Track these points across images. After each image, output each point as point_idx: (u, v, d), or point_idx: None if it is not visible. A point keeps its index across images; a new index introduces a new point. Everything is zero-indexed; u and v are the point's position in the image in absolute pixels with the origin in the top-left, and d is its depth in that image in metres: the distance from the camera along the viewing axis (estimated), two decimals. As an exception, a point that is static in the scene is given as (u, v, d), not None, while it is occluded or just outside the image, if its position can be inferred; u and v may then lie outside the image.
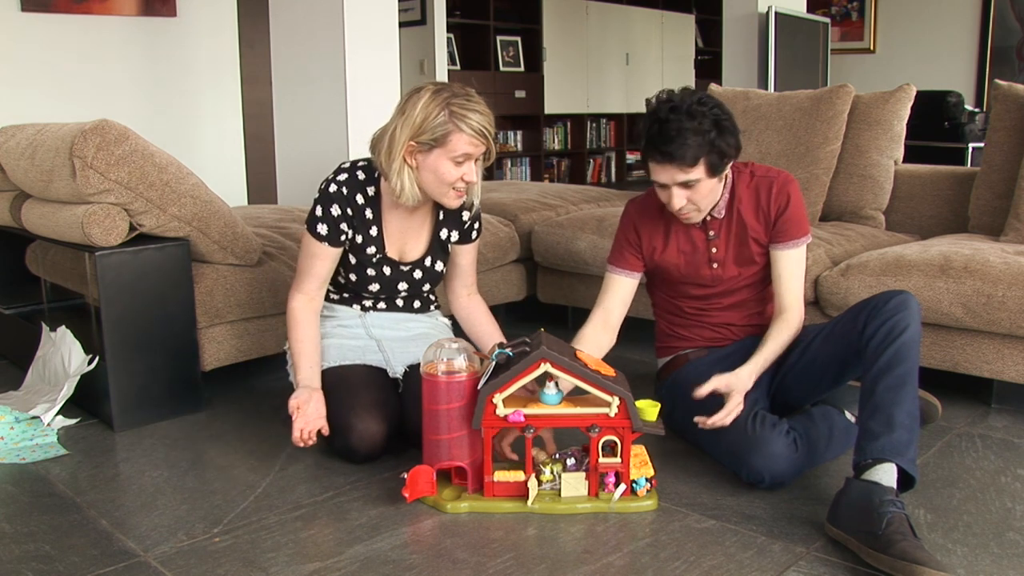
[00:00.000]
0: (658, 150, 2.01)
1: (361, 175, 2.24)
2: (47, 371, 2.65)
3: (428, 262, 2.33)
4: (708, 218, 2.20)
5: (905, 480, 1.79)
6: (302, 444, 2.12)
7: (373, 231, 2.26)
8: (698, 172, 2.03)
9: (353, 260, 2.28)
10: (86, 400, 2.53)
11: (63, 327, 2.62)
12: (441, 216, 2.32)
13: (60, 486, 2.10)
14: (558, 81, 7.91)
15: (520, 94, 7.59)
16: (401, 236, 2.30)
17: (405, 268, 2.32)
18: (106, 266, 2.39)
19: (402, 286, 2.33)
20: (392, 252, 2.30)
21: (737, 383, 2.02)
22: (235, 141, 5.16)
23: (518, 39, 7.66)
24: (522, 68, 7.68)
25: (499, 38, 7.47)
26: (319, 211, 2.20)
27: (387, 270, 2.30)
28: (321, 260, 2.23)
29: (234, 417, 2.55)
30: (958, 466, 2.16)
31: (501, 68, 7.49)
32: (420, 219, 2.31)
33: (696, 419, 2.01)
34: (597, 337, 2.25)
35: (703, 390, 2.01)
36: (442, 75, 6.65)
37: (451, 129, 2.05)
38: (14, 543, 1.82)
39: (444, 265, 2.38)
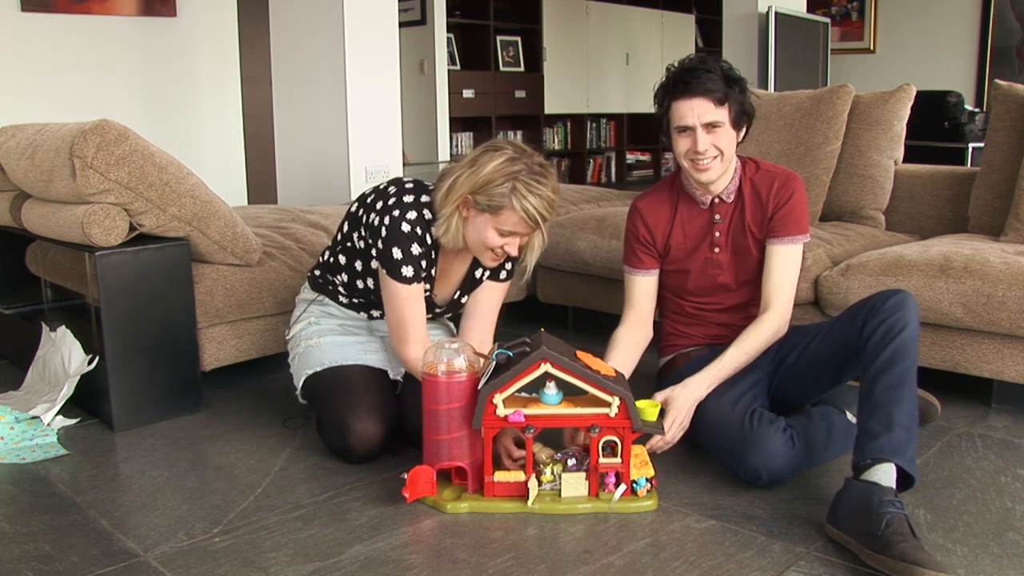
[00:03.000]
0: (688, 84, 2.07)
1: (428, 214, 2.11)
2: (47, 371, 2.65)
3: (456, 295, 2.30)
4: (716, 200, 2.22)
5: (905, 479, 1.79)
6: None
7: (433, 271, 2.21)
8: (724, 113, 2.09)
9: None
10: (86, 400, 2.53)
11: (63, 327, 2.62)
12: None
13: (60, 486, 2.10)
14: (558, 81, 7.90)
15: (520, 94, 7.58)
16: (443, 276, 2.25)
17: (439, 310, 2.31)
18: (106, 266, 2.39)
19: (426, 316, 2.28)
20: (435, 291, 2.26)
21: (675, 398, 2.05)
22: (235, 141, 5.16)
23: (518, 39, 7.66)
24: (522, 68, 7.68)
25: (499, 38, 7.47)
26: (397, 254, 2.08)
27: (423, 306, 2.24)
28: (415, 302, 2.14)
29: (234, 417, 2.55)
30: (958, 466, 2.16)
31: (501, 68, 7.48)
32: (460, 260, 2.25)
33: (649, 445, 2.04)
34: (632, 334, 2.29)
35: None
36: (442, 75, 6.65)
37: (506, 204, 1.99)
38: (14, 543, 1.82)
39: (468, 296, 2.33)
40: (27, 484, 2.12)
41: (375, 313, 2.34)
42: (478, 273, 2.28)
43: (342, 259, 2.27)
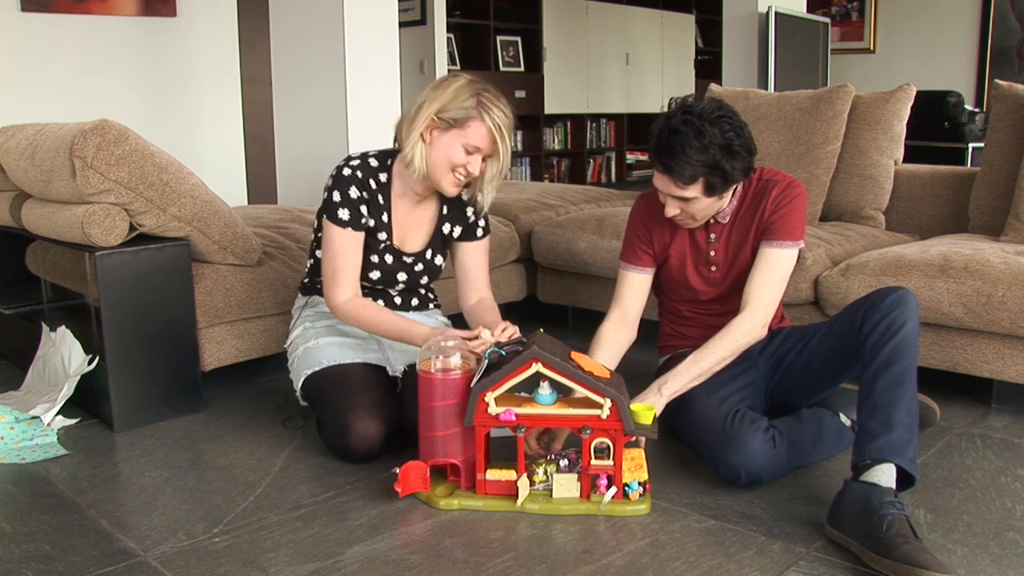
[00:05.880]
0: (660, 160, 2.04)
1: (374, 162, 2.26)
2: (47, 371, 2.65)
3: (428, 255, 2.36)
4: (711, 221, 2.20)
5: (905, 479, 1.79)
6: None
7: (384, 217, 2.29)
8: (694, 191, 2.05)
9: None
10: (86, 400, 2.53)
11: (63, 327, 2.62)
12: (445, 210, 2.35)
13: (60, 486, 2.10)
14: (558, 81, 7.90)
15: (520, 94, 7.58)
16: (405, 226, 2.33)
17: (408, 260, 2.34)
18: (106, 266, 2.39)
19: (401, 276, 2.35)
20: (396, 241, 2.33)
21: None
22: (235, 141, 5.16)
23: (518, 39, 7.66)
24: (522, 68, 7.68)
25: (499, 38, 7.47)
26: (336, 196, 2.20)
27: (389, 258, 2.32)
28: (350, 249, 2.23)
29: (234, 417, 2.55)
30: (958, 466, 2.16)
31: (501, 68, 7.48)
32: (424, 211, 2.34)
33: None
34: (616, 334, 2.26)
35: None
36: (442, 75, 6.64)
37: (473, 115, 2.12)
38: (14, 543, 1.82)
39: (444, 259, 2.40)
40: (27, 484, 2.12)
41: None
42: (446, 229, 2.36)
43: (319, 254, 2.33)
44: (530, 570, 1.69)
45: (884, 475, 1.75)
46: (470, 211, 2.37)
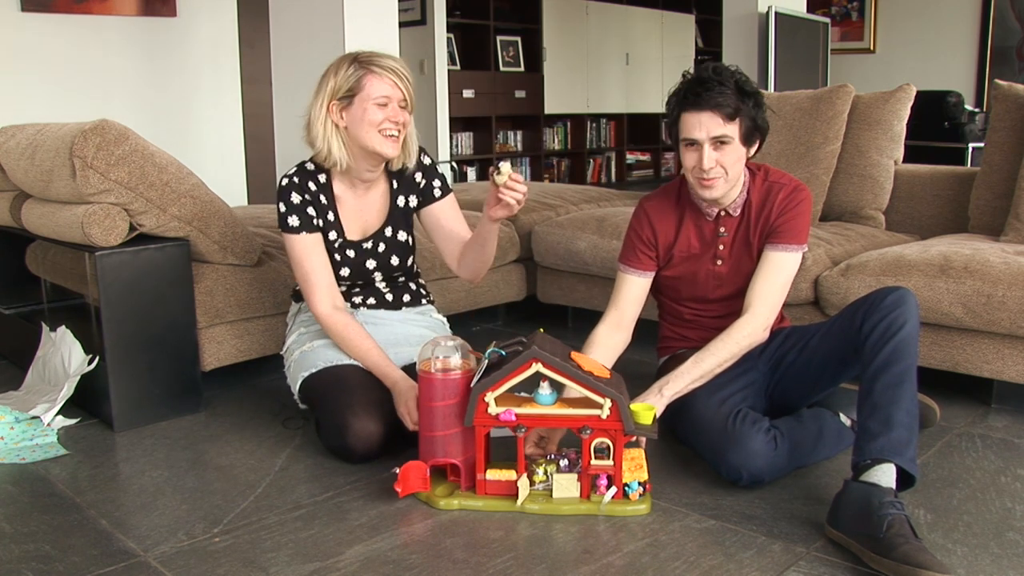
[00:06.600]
0: (699, 96, 2.02)
1: (310, 166, 2.30)
2: (47, 371, 2.65)
3: (388, 232, 2.37)
4: (723, 213, 2.20)
5: (905, 479, 1.79)
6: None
7: (331, 216, 2.31)
8: (733, 129, 2.03)
9: None
10: (86, 400, 2.53)
11: (63, 327, 2.62)
12: (395, 185, 2.38)
13: (60, 486, 2.10)
14: (558, 81, 7.90)
15: (520, 94, 7.58)
16: (360, 216, 2.35)
17: (367, 245, 2.35)
18: (106, 266, 2.39)
19: (370, 264, 2.36)
20: (353, 234, 2.34)
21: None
22: (235, 141, 5.16)
23: (518, 39, 7.66)
24: (522, 68, 7.67)
25: (499, 38, 7.47)
26: (282, 207, 2.26)
27: (351, 252, 2.34)
28: (312, 252, 2.27)
29: (234, 417, 2.55)
30: (958, 466, 2.16)
31: (501, 68, 7.48)
32: (375, 195, 2.37)
33: None
34: (610, 337, 2.23)
35: None
36: (442, 75, 6.66)
37: (363, 73, 2.17)
38: (14, 543, 1.82)
39: (408, 235, 2.41)
40: (27, 484, 2.12)
41: (356, 300, 2.38)
42: (401, 202, 2.38)
43: None
44: (530, 570, 1.69)
45: (884, 475, 1.75)
46: (419, 175, 2.39)
